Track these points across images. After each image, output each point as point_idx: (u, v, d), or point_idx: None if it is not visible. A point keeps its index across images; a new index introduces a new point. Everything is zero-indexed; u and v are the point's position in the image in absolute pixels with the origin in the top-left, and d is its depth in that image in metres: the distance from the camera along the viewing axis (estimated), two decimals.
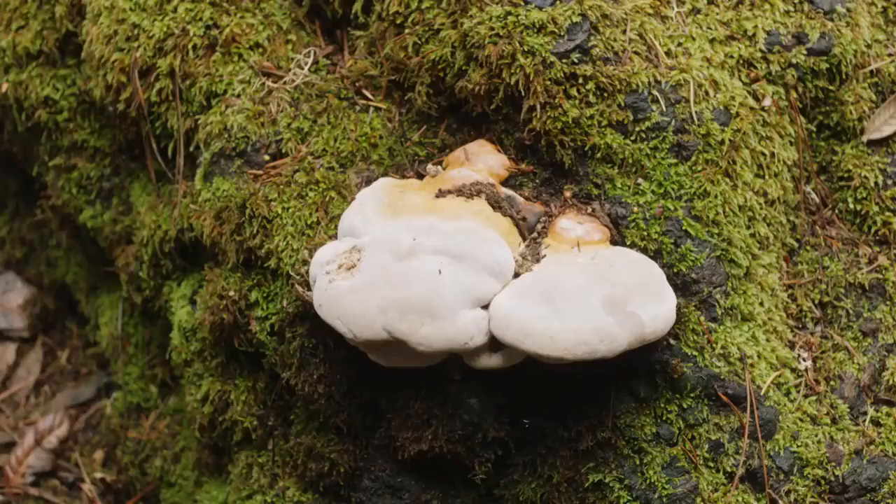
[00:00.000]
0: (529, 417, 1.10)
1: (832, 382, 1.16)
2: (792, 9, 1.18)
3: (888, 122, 1.21)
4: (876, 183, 1.20)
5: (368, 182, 1.15)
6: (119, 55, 1.31)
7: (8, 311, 1.84)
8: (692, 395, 1.09)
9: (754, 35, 1.15)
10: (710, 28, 1.15)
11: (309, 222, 1.14)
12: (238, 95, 1.25)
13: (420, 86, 1.16)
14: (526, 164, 1.12)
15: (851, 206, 1.20)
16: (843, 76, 1.18)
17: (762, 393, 1.11)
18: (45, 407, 1.76)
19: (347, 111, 1.21)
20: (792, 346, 1.16)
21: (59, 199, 1.53)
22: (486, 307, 1.00)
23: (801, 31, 1.16)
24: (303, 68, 1.25)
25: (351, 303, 1.00)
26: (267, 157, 1.21)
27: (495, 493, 1.15)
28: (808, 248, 1.20)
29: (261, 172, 1.20)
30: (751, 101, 1.13)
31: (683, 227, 1.09)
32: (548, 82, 1.07)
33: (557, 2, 1.10)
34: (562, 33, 1.08)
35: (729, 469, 1.12)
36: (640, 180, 1.10)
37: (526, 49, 1.07)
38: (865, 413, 1.14)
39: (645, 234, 1.08)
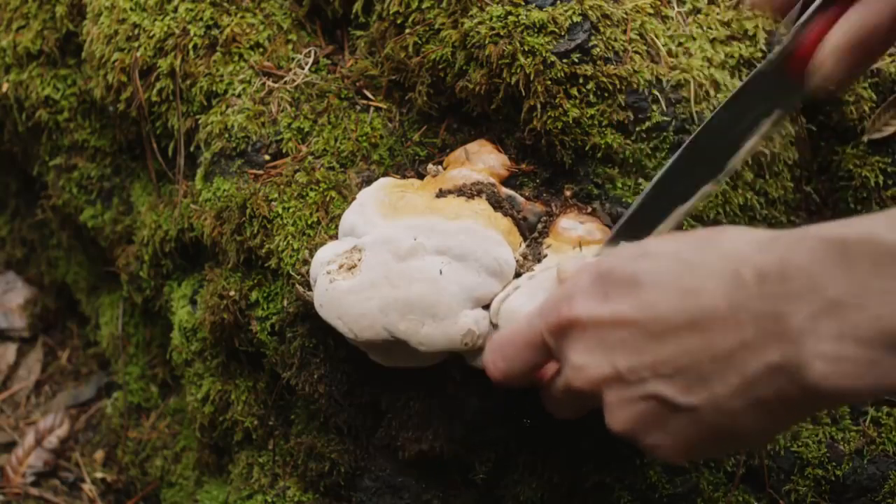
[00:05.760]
0: (530, 417, 1.10)
1: None
2: None
3: (889, 123, 1.21)
4: (876, 183, 1.20)
5: (369, 182, 1.15)
6: (119, 55, 1.31)
7: (8, 311, 1.84)
8: None
9: (755, 35, 1.15)
10: (710, 28, 1.15)
11: (309, 222, 1.14)
12: (238, 95, 1.25)
13: (420, 86, 1.16)
14: (526, 164, 1.12)
15: (852, 206, 1.20)
16: None
17: None
18: (45, 407, 1.76)
19: (348, 111, 1.21)
20: None
21: (59, 199, 1.53)
22: (486, 307, 1.00)
23: None
24: (303, 68, 1.25)
25: (352, 303, 1.00)
26: (267, 157, 1.21)
27: (496, 493, 1.15)
28: None
29: (261, 172, 1.20)
30: None
31: (683, 227, 1.09)
32: (548, 82, 1.07)
33: (558, 2, 1.10)
34: (562, 33, 1.08)
35: (729, 469, 1.12)
36: (640, 180, 1.10)
37: (526, 49, 1.07)
38: (866, 413, 1.14)
39: None
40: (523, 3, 1.09)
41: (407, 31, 1.16)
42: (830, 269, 0.67)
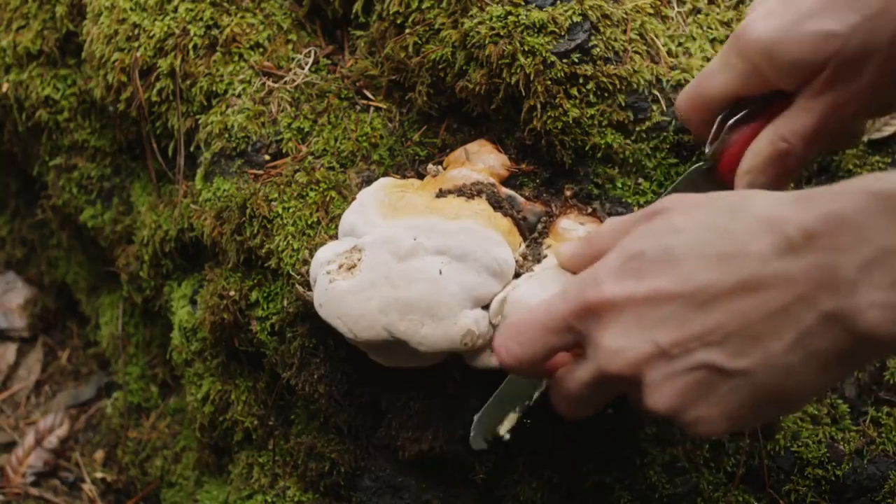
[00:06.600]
0: (530, 417, 1.10)
1: None
2: None
3: (888, 123, 1.21)
4: None
5: (369, 182, 1.15)
6: (119, 55, 1.31)
7: (8, 311, 1.84)
8: None
9: None
10: (710, 28, 1.15)
11: (309, 222, 1.14)
12: (238, 95, 1.25)
13: (420, 86, 1.16)
14: (526, 164, 1.12)
15: None
16: None
17: None
18: (45, 407, 1.76)
19: (348, 111, 1.21)
20: None
21: (59, 199, 1.53)
22: (486, 307, 1.00)
23: None
24: (303, 68, 1.25)
25: (351, 303, 1.00)
26: (267, 157, 1.21)
27: (495, 493, 1.15)
28: None
29: (261, 172, 1.20)
30: None
31: None
32: (548, 82, 1.07)
33: (558, 2, 1.10)
34: (562, 33, 1.08)
35: (729, 469, 1.12)
36: (640, 180, 1.10)
37: (526, 49, 1.07)
38: (866, 413, 1.14)
39: None
40: (523, 3, 1.09)
41: (407, 31, 1.16)
42: (879, 220, 0.68)
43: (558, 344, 0.85)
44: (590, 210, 1.09)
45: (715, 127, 0.95)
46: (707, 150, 0.96)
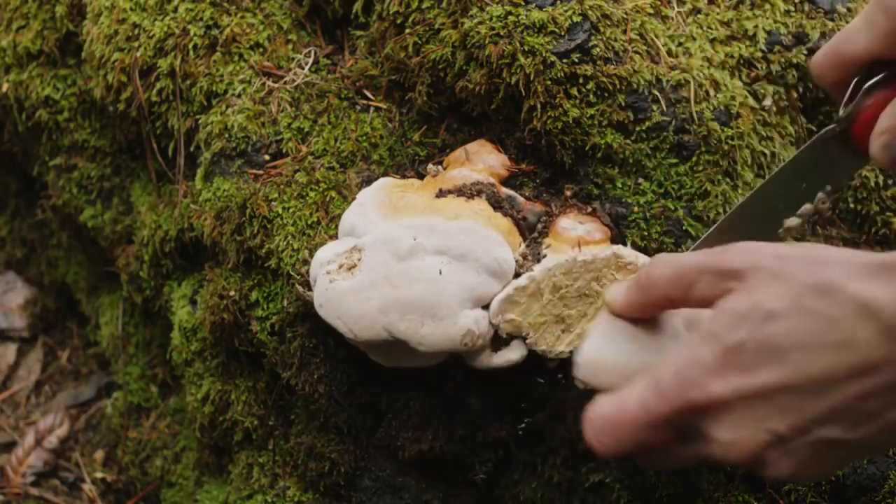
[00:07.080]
0: (529, 417, 1.10)
1: None
2: (792, 9, 1.18)
3: None
4: (876, 183, 1.20)
5: (369, 182, 1.15)
6: (119, 55, 1.31)
7: (8, 311, 1.84)
8: None
9: (755, 35, 1.15)
10: (710, 28, 1.15)
11: (309, 222, 1.14)
12: (238, 95, 1.25)
13: (420, 86, 1.16)
14: (526, 164, 1.12)
15: (852, 205, 1.20)
16: None
17: None
18: (45, 407, 1.76)
19: (348, 111, 1.21)
20: None
21: (59, 199, 1.53)
22: (486, 307, 1.00)
23: (802, 31, 1.16)
24: (303, 68, 1.25)
25: (351, 303, 1.00)
26: (267, 157, 1.21)
27: (496, 493, 1.15)
28: None
29: (261, 172, 1.20)
30: (751, 101, 1.13)
31: (684, 227, 1.09)
32: (548, 82, 1.07)
33: (558, 2, 1.10)
34: (562, 33, 1.08)
35: (729, 469, 1.12)
36: (640, 180, 1.10)
37: (526, 49, 1.07)
38: None
39: (646, 233, 1.08)
40: (523, 3, 1.09)
41: (407, 31, 1.16)
42: None
43: (655, 438, 0.86)
44: (590, 210, 1.09)
45: (851, 88, 0.94)
46: (841, 112, 0.95)
